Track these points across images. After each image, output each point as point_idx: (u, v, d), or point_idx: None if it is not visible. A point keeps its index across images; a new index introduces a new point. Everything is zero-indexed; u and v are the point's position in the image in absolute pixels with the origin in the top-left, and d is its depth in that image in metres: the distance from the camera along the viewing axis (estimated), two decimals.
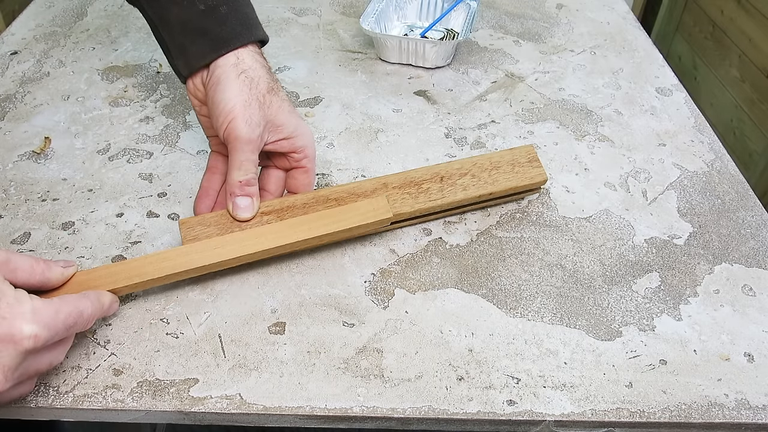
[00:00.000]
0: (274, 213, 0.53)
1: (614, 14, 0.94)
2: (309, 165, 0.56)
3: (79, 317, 0.41)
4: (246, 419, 0.44)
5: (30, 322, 0.38)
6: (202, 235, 0.51)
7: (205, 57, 0.52)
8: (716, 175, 0.65)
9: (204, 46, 0.52)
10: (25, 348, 0.37)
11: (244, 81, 0.52)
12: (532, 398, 0.45)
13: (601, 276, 0.54)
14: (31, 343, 0.37)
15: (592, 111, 0.73)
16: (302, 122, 0.55)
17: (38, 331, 0.38)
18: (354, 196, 0.55)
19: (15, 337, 0.37)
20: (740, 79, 1.66)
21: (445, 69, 0.80)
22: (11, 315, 0.37)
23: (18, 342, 0.37)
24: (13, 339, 0.37)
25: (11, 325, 0.37)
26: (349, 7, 0.93)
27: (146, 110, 0.71)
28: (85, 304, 0.42)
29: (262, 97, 0.52)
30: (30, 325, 0.38)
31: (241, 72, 0.52)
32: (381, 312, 0.50)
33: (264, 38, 0.56)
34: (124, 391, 0.44)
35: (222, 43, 0.52)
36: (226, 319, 0.49)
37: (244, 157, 0.51)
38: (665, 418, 0.44)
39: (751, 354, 0.48)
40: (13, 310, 0.38)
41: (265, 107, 0.52)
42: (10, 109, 0.71)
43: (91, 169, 0.63)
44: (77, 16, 0.88)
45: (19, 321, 0.37)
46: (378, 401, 0.44)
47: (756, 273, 0.55)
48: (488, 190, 0.56)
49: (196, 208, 0.55)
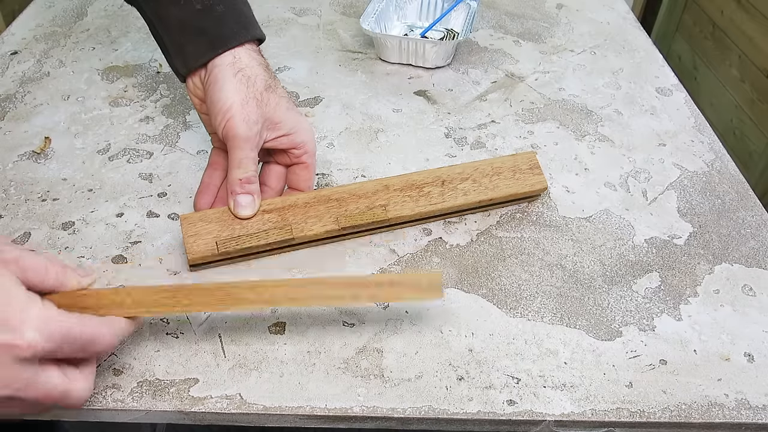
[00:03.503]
0: (276, 212, 0.53)
1: (614, 14, 0.94)
2: (309, 161, 0.56)
3: (90, 344, 0.39)
4: (246, 419, 0.44)
5: (33, 329, 0.36)
6: (203, 231, 0.51)
7: (202, 56, 0.52)
8: (716, 175, 0.65)
9: (201, 46, 0.52)
10: (21, 355, 0.35)
11: (241, 79, 0.52)
12: (532, 398, 0.45)
13: (601, 276, 0.54)
14: (29, 351, 0.35)
15: (592, 111, 0.73)
16: (302, 118, 0.55)
17: (38, 339, 0.36)
18: (355, 197, 0.55)
19: (14, 342, 0.35)
20: (740, 79, 1.66)
21: (445, 69, 0.80)
22: (16, 319, 0.36)
23: (14, 347, 0.35)
24: (12, 344, 0.35)
25: (14, 329, 0.35)
26: (349, 7, 0.93)
27: (146, 110, 0.71)
28: (104, 332, 0.39)
29: (259, 95, 0.52)
30: (32, 332, 0.36)
31: (239, 71, 0.52)
32: (381, 312, 0.50)
33: (261, 36, 0.56)
34: (124, 391, 0.44)
35: (219, 43, 0.52)
36: (226, 319, 0.49)
37: (243, 155, 0.51)
38: (665, 418, 0.44)
39: (751, 354, 0.48)
40: (20, 315, 0.36)
41: (263, 105, 0.52)
42: (10, 109, 0.71)
43: (91, 169, 0.63)
44: (77, 16, 0.88)
45: (22, 326, 0.35)
46: (378, 401, 0.44)
47: (756, 273, 0.55)
48: (488, 196, 0.57)
49: (197, 204, 0.55)
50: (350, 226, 0.54)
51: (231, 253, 0.52)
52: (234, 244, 0.51)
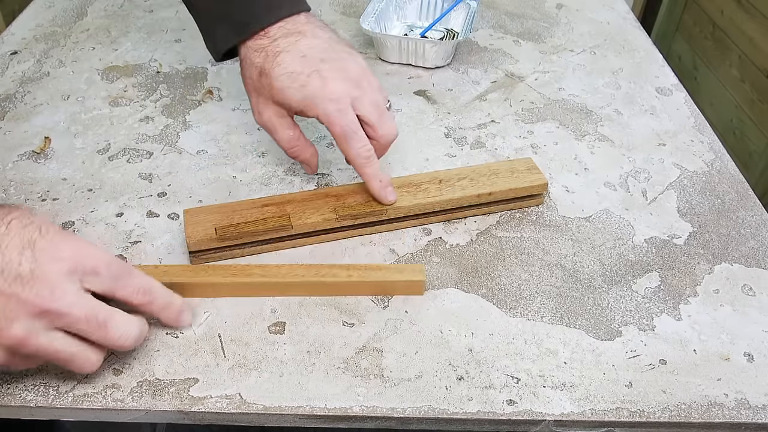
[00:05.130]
0: (275, 205, 0.55)
1: (614, 14, 0.94)
2: (336, 130, 0.52)
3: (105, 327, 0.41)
4: (246, 419, 0.44)
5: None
6: (203, 220, 0.53)
7: (229, 42, 0.56)
8: (716, 175, 0.65)
9: (225, 33, 0.56)
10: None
11: (246, 73, 0.55)
12: (532, 398, 0.45)
13: (600, 276, 0.54)
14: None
15: (592, 111, 0.73)
16: (308, 88, 0.52)
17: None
18: (353, 193, 0.56)
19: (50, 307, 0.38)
20: (740, 79, 1.66)
21: (445, 69, 0.80)
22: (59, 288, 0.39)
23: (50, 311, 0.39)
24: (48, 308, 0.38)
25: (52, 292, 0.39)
26: (349, 7, 0.93)
27: (146, 110, 0.71)
28: (124, 320, 0.42)
29: (257, 84, 0.54)
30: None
31: (244, 66, 0.55)
32: (381, 312, 0.50)
33: (263, 21, 0.55)
34: (124, 391, 0.44)
35: (226, 39, 0.56)
36: (226, 318, 0.49)
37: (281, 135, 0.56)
38: (665, 417, 0.44)
39: (751, 354, 0.48)
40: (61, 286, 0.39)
41: (264, 92, 0.54)
42: (10, 109, 0.71)
43: (91, 168, 0.63)
44: (77, 16, 0.88)
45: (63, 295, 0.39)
46: (378, 401, 0.44)
47: (756, 273, 0.55)
48: (487, 190, 0.57)
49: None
50: (348, 215, 0.54)
51: (229, 239, 0.52)
52: (233, 230, 0.52)
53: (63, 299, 0.38)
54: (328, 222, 0.54)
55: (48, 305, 0.38)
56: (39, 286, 0.38)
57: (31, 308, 0.38)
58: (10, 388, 0.44)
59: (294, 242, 0.55)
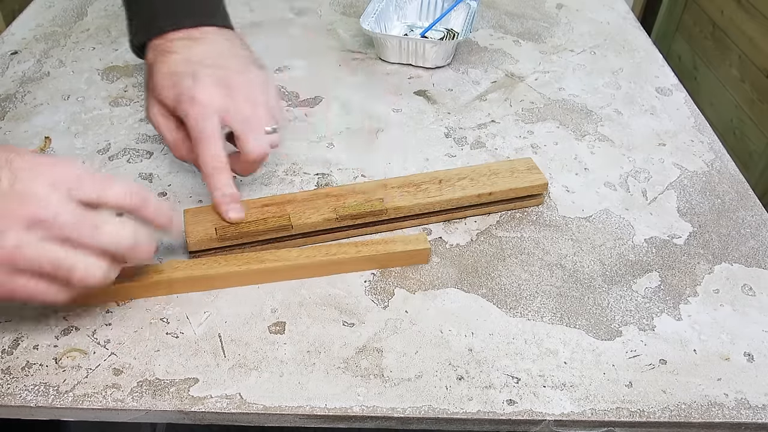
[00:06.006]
0: (275, 205, 0.55)
1: (614, 14, 0.94)
2: (191, 133, 0.52)
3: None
4: (246, 419, 0.44)
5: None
6: (203, 220, 0.53)
7: (139, 39, 0.58)
8: (716, 174, 0.65)
9: (137, 32, 0.58)
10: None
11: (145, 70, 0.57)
12: (532, 398, 0.45)
13: (600, 276, 0.54)
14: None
15: (592, 111, 0.73)
16: (178, 88, 0.52)
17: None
18: (353, 193, 0.56)
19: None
20: (740, 79, 1.66)
21: (445, 69, 0.80)
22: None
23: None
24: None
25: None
26: (349, 7, 0.93)
27: None
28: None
29: (147, 81, 0.55)
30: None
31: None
32: (381, 312, 0.50)
33: (165, 27, 0.55)
34: (124, 391, 0.44)
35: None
36: (226, 318, 0.49)
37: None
38: (665, 417, 0.44)
39: (751, 354, 0.48)
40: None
41: (150, 90, 0.55)
42: (10, 109, 0.71)
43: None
44: (77, 16, 0.88)
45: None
46: (378, 401, 0.44)
47: (756, 273, 0.55)
48: (487, 190, 0.57)
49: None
50: (348, 215, 0.54)
51: (230, 239, 0.52)
52: (233, 230, 0.52)
53: (49, 207, 0.38)
54: (328, 222, 0.54)
55: (34, 213, 0.38)
56: (23, 198, 0.38)
57: (19, 219, 0.37)
58: (10, 388, 0.44)
59: (294, 242, 0.55)
